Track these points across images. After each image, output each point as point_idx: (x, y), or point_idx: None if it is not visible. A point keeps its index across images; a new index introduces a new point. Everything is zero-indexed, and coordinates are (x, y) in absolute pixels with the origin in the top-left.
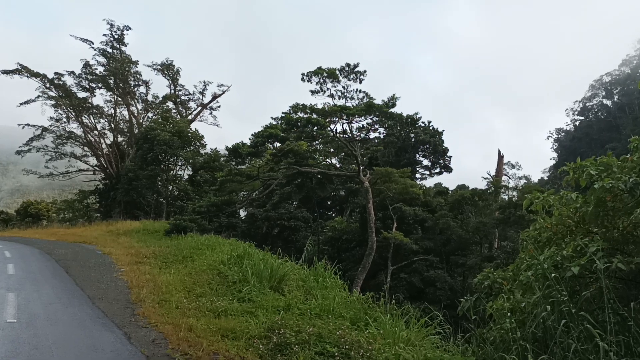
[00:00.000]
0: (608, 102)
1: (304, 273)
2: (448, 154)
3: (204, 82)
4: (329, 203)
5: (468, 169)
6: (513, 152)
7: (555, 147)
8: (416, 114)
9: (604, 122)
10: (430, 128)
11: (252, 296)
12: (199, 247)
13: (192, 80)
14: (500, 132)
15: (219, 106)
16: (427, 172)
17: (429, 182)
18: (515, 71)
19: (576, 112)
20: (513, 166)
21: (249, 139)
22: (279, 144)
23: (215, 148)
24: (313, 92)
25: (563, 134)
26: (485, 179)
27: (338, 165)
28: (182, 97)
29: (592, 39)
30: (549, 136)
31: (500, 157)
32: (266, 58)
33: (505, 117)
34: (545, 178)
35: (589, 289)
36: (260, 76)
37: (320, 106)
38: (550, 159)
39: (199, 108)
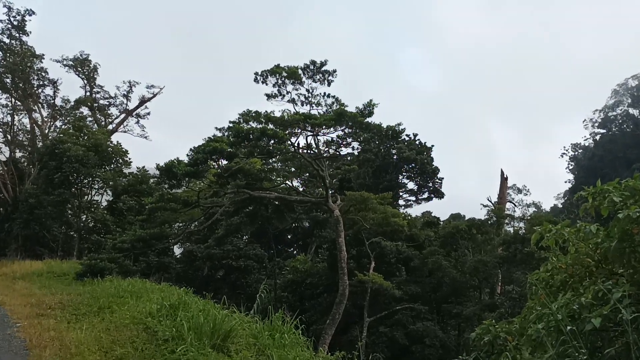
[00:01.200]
0: (635, 112)
1: (256, 327)
2: (439, 175)
3: (130, 82)
4: (289, 237)
5: (464, 194)
6: (519, 172)
7: (571, 167)
8: (399, 124)
9: (630, 136)
10: (417, 142)
11: (189, 358)
12: (120, 294)
13: (115, 80)
14: (503, 148)
15: (149, 113)
16: (413, 198)
17: (416, 211)
18: (520, 73)
19: (596, 124)
20: (519, 190)
21: (187, 155)
22: (225, 162)
23: (143, 167)
24: (269, 97)
25: (580, 150)
26: (485, 206)
27: (301, 189)
28: (101, 102)
29: (615, 33)
30: (564, 153)
31: (504, 179)
32: (211, 53)
33: (509, 129)
34: (559, 205)
35: (613, 345)
36: (203, 76)
37: (278, 114)
38: (565, 182)
39: (123, 115)
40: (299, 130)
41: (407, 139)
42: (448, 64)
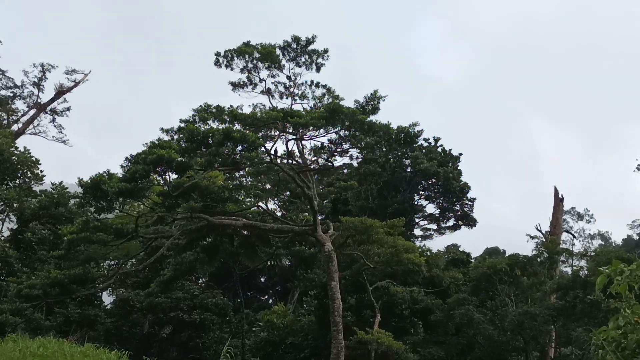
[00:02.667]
0: None
1: None
2: (469, 195)
3: (43, 65)
4: (262, 280)
5: (501, 221)
6: (579, 192)
7: None
8: (414, 125)
9: None
10: (439, 149)
11: None
12: None
13: (22, 63)
14: (554, 159)
15: (69, 108)
16: (434, 226)
17: (437, 244)
18: (579, 58)
19: None
20: (580, 216)
21: (122, 166)
22: (174, 176)
23: (61, 182)
24: (236, 86)
25: None
26: (532, 237)
27: (279, 214)
28: (1, 92)
29: None
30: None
31: (558, 200)
32: (158, 27)
33: (562, 133)
34: (635, 237)
35: None
36: (146, 58)
37: (248, 110)
38: None
39: (33, 111)
40: (277, 133)
41: (426, 145)
42: (475, 45)
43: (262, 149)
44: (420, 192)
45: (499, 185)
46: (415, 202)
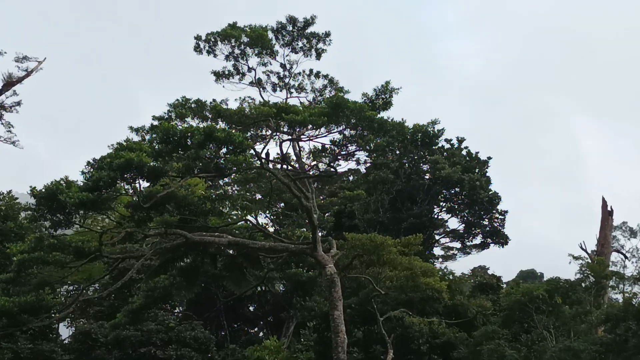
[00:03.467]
0: None
1: None
2: (499, 207)
3: None
4: (251, 309)
5: (539, 238)
6: (631, 204)
7: None
8: (433, 123)
9: None
10: (464, 152)
11: None
12: None
13: None
14: (599, 165)
15: (19, 103)
16: (457, 244)
17: (462, 265)
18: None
19: None
20: (633, 233)
21: (83, 172)
22: (145, 184)
23: (9, 192)
24: (220, 76)
25: None
26: (576, 258)
27: (272, 230)
28: None
29: None
30: None
31: (607, 213)
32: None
33: (610, 133)
34: None
35: None
36: (112, 44)
37: (234, 105)
38: None
39: None
40: (269, 133)
41: (447, 146)
42: (505, 28)
43: (252, 151)
44: (441, 204)
45: (535, 196)
46: (435, 216)
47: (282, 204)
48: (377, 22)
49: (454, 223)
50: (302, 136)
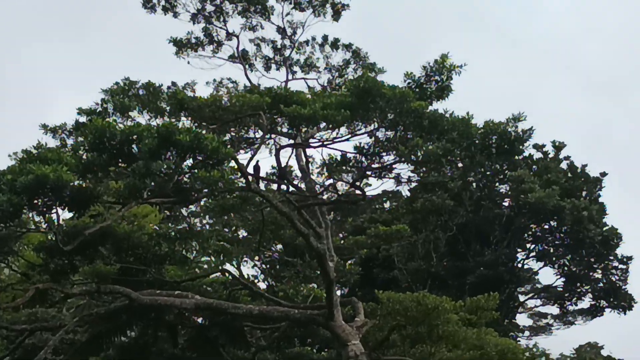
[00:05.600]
0: None
1: None
2: (618, 251)
3: None
4: None
5: None
6: None
7: None
8: (518, 119)
9: None
10: (563, 165)
11: None
12: None
13: None
14: None
15: None
16: (555, 309)
17: (560, 341)
18: None
19: None
20: None
21: None
22: (66, 214)
23: None
24: (182, 46)
25: None
26: None
27: (263, 285)
28: None
29: None
30: None
31: None
32: None
33: None
34: None
35: None
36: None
37: (206, 90)
38: None
39: None
40: (260, 135)
41: (537, 155)
42: None
43: (232, 164)
44: (529, 246)
45: None
46: (519, 264)
47: (280, 246)
48: None
49: (547, 276)
50: (310, 140)
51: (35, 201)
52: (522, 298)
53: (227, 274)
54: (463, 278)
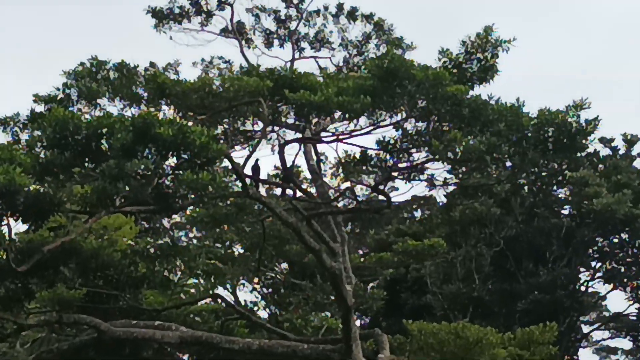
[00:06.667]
0: None
1: None
2: None
3: None
4: None
5: None
6: None
7: None
8: (580, 106)
9: None
10: (636, 164)
11: None
12: None
13: None
14: None
15: None
16: (628, 342)
17: None
18: None
19: None
20: None
21: None
22: (20, 226)
23: None
24: (162, 18)
25: None
26: None
27: (264, 314)
28: None
29: None
30: None
31: None
32: None
33: None
34: None
35: None
36: None
37: (192, 72)
38: None
39: None
40: (260, 127)
41: (604, 152)
42: None
43: (226, 162)
44: (593, 264)
45: None
46: (583, 287)
47: (285, 265)
48: None
49: (618, 301)
50: (322, 133)
51: None
52: (585, 329)
53: (219, 300)
54: (512, 304)
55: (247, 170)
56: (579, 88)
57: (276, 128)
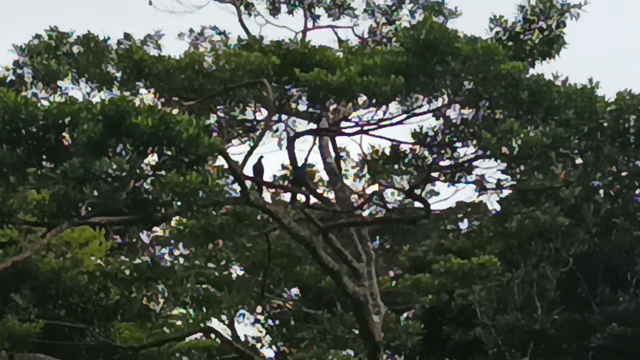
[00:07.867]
0: None
1: None
2: None
3: None
4: None
5: None
6: None
7: None
8: None
9: None
10: None
11: None
12: None
13: None
14: None
15: None
16: None
17: None
18: None
19: None
20: None
21: None
22: None
23: None
24: None
25: None
26: None
27: (271, 352)
28: None
29: None
30: None
31: None
32: None
33: None
34: None
35: None
36: None
37: (178, 47)
38: None
39: None
40: (265, 114)
41: None
42: None
43: (221, 160)
44: None
45: None
46: None
47: (296, 291)
48: None
49: None
50: (343, 123)
51: None
52: None
53: (212, 336)
54: (585, 339)
55: (248, 171)
56: None
57: (284, 117)
